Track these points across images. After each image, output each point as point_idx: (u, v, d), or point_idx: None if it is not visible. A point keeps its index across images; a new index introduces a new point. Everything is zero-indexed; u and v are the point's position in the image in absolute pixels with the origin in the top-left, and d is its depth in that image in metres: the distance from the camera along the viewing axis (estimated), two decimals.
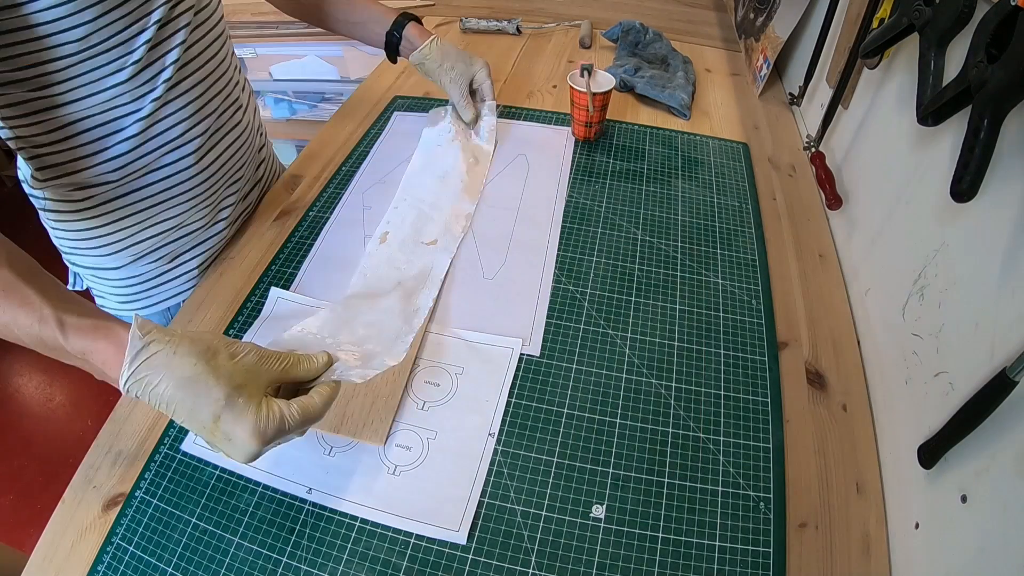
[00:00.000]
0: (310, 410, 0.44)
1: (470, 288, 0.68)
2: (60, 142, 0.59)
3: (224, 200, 0.75)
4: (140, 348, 0.41)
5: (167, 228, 0.70)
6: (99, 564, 0.48)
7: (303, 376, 0.47)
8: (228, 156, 0.73)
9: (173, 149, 0.65)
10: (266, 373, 0.44)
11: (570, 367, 0.61)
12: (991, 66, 0.40)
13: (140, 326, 0.42)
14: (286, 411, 0.43)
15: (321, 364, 0.48)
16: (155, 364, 0.41)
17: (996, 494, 0.39)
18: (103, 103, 0.58)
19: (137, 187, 0.65)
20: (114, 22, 0.54)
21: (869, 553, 0.50)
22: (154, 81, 0.60)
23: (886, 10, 0.66)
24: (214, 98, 0.68)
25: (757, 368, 0.62)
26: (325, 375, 0.48)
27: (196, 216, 0.71)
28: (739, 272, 0.71)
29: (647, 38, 1.15)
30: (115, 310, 0.74)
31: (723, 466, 0.54)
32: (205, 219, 0.72)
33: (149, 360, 0.41)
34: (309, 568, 0.48)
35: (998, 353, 0.41)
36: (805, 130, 0.95)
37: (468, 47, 1.18)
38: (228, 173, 0.74)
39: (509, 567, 0.48)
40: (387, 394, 0.58)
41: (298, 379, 0.47)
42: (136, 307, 0.74)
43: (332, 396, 0.46)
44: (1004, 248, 0.44)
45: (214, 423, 0.41)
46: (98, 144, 0.60)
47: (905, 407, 0.53)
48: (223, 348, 0.43)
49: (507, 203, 0.79)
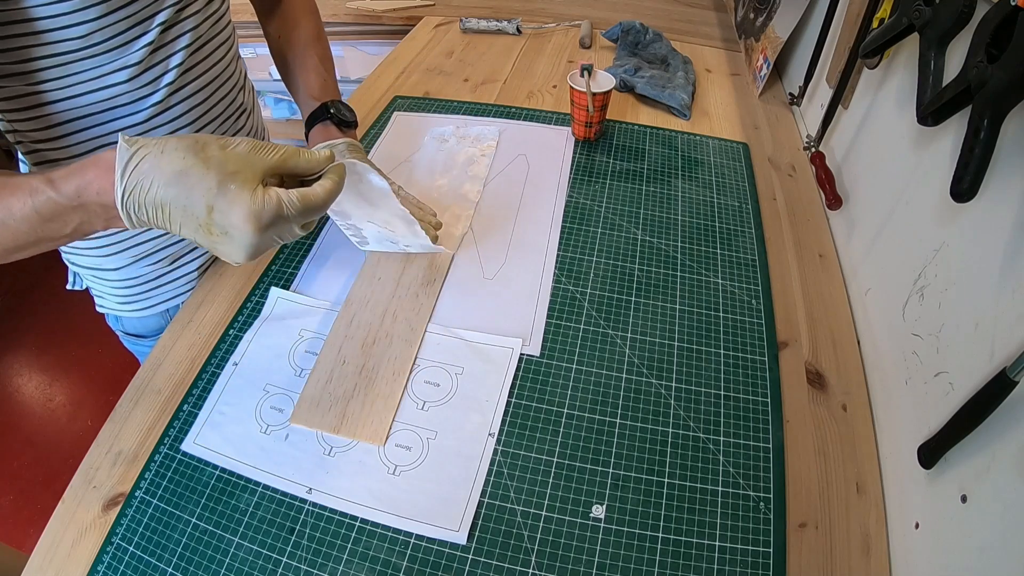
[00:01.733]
0: (310, 197, 0.42)
1: (470, 288, 0.68)
2: (58, 139, 0.58)
3: None
4: (129, 157, 0.39)
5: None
6: (99, 564, 0.48)
7: (303, 168, 0.44)
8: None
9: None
10: (260, 161, 0.42)
11: (570, 367, 0.61)
12: (991, 66, 0.40)
13: (126, 140, 0.40)
14: (284, 196, 0.41)
15: (323, 158, 0.45)
16: (144, 168, 0.39)
17: (996, 494, 0.39)
18: (102, 102, 0.57)
19: None
20: (117, 22, 0.54)
21: (869, 553, 0.50)
22: (155, 84, 0.60)
23: (886, 10, 0.66)
24: (218, 103, 0.68)
25: (757, 368, 0.62)
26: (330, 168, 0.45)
27: None
28: (739, 272, 0.71)
29: (647, 38, 1.15)
30: (114, 310, 0.75)
31: (723, 466, 0.54)
32: None
33: (139, 166, 0.39)
34: (309, 568, 0.48)
35: (998, 353, 0.41)
36: (805, 130, 0.95)
37: (468, 47, 1.18)
38: None
39: (509, 567, 0.48)
40: (387, 394, 0.58)
41: (298, 171, 0.44)
42: (135, 307, 0.74)
43: (335, 187, 0.44)
44: (1004, 248, 0.44)
45: (208, 215, 0.40)
46: (97, 142, 0.59)
47: (905, 407, 0.53)
48: (213, 141, 0.41)
49: (507, 203, 0.79)
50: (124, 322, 0.76)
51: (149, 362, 0.62)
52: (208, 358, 0.61)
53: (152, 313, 0.74)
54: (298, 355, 0.61)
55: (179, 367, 0.61)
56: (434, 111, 0.97)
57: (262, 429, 0.55)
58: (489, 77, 1.08)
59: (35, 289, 1.97)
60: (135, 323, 0.76)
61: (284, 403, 0.57)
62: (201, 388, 0.59)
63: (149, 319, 0.75)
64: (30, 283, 1.98)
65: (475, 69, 1.10)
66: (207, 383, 0.59)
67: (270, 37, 0.77)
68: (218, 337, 0.63)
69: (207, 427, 0.56)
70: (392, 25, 1.38)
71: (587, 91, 0.82)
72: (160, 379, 0.60)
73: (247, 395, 0.58)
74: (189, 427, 0.56)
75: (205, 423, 0.56)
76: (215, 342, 0.63)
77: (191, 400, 0.58)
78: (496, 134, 0.90)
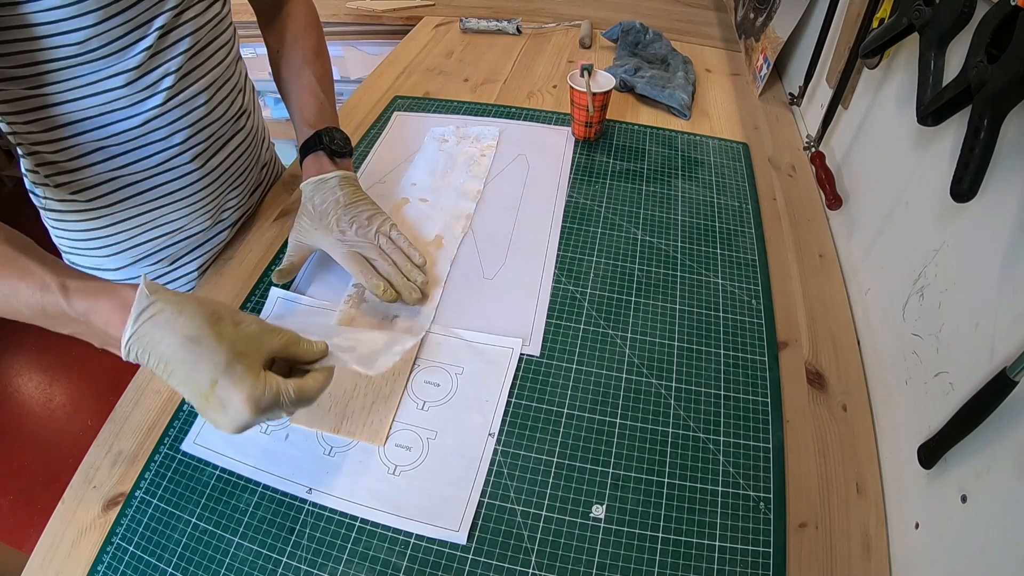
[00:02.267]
0: (305, 390, 0.44)
1: (470, 288, 0.68)
2: (57, 141, 0.58)
3: (226, 204, 0.74)
4: (147, 305, 0.41)
5: (168, 231, 0.70)
6: (99, 564, 0.48)
7: (302, 356, 0.46)
8: (231, 162, 0.72)
9: (175, 156, 0.65)
10: (267, 344, 0.44)
11: (570, 367, 0.61)
12: (991, 66, 0.40)
13: (148, 285, 0.42)
14: (282, 386, 0.43)
15: (319, 350, 0.47)
16: (160, 322, 0.41)
17: (996, 494, 0.39)
18: (100, 106, 0.57)
19: (137, 191, 0.65)
20: (115, 28, 0.54)
21: (869, 553, 0.50)
22: (154, 87, 0.60)
23: (886, 10, 0.66)
24: (218, 105, 0.67)
25: (757, 368, 0.62)
26: (321, 362, 0.47)
27: (198, 220, 0.71)
28: (739, 272, 0.71)
29: (647, 38, 1.15)
30: None
31: (723, 466, 0.54)
32: (207, 223, 0.72)
33: (154, 318, 0.41)
34: (309, 568, 0.48)
35: (998, 353, 0.41)
36: (805, 130, 0.95)
37: (468, 47, 1.18)
38: (231, 179, 0.73)
39: (509, 567, 0.48)
40: (387, 394, 0.58)
41: (296, 358, 0.46)
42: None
43: (326, 381, 0.46)
44: (1004, 248, 0.44)
45: (210, 387, 0.41)
46: (96, 145, 0.59)
47: (905, 407, 0.53)
48: (227, 315, 0.43)
49: (507, 203, 0.79)
50: None
51: None
52: None
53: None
54: None
55: None
56: (434, 111, 0.97)
57: (262, 429, 0.55)
58: (489, 77, 1.08)
59: None
60: None
61: None
62: None
63: None
64: None
65: (475, 69, 1.10)
66: None
67: (269, 49, 0.77)
68: None
69: (207, 427, 0.56)
70: (392, 25, 1.38)
71: (587, 91, 0.82)
72: (160, 379, 0.60)
73: None
74: (189, 427, 0.56)
75: (205, 423, 0.56)
76: None
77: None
78: (496, 134, 0.90)
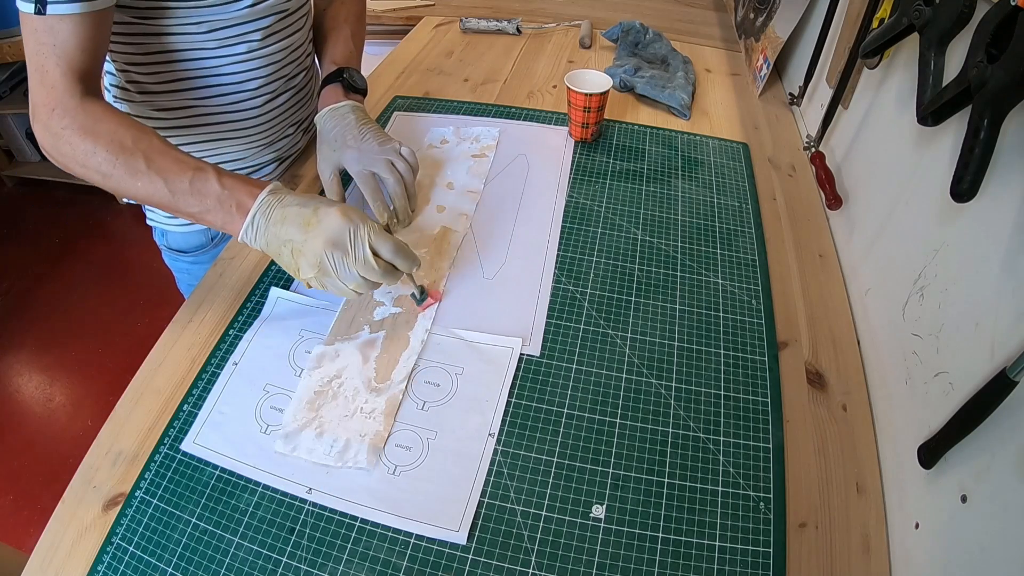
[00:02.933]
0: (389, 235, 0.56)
1: (470, 288, 0.68)
2: (149, 65, 0.68)
3: (279, 143, 0.84)
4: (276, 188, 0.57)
5: (226, 160, 0.79)
6: (99, 564, 0.48)
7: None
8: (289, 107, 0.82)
9: (247, 98, 0.74)
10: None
11: (570, 367, 0.61)
12: (991, 66, 0.40)
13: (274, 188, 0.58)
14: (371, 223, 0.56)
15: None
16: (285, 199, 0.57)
17: (996, 494, 0.39)
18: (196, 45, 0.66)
19: (209, 121, 0.74)
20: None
21: (869, 553, 0.50)
22: (244, 37, 0.69)
23: (886, 10, 0.66)
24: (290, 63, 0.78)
25: (757, 368, 0.62)
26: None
27: (252, 153, 0.80)
28: (739, 272, 0.71)
29: (647, 38, 1.15)
30: (162, 224, 0.83)
31: (723, 466, 0.54)
32: (258, 160, 0.82)
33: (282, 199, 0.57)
34: (309, 568, 0.48)
35: (998, 353, 0.41)
36: (805, 130, 0.95)
37: (468, 47, 1.18)
38: (287, 121, 0.83)
39: (509, 567, 0.48)
40: (389, 391, 0.58)
41: None
42: (182, 223, 0.82)
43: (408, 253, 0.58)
44: (1004, 248, 0.44)
45: (313, 212, 0.55)
46: (182, 75, 0.69)
47: (905, 407, 0.53)
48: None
49: (507, 203, 0.79)
50: (168, 237, 0.84)
51: (149, 362, 0.62)
52: (208, 358, 0.61)
53: (193, 230, 0.82)
54: (298, 355, 0.61)
55: (179, 367, 0.61)
56: (434, 111, 0.97)
57: (262, 429, 0.55)
58: (489, 77, 1.08)
59: (35, 289, 1.97)
60: (178, 238, 0.84)
61: (284, 403, 0.57)
62: (201, 388, 0.59)
63: (190, 235, 0.84)
64: (30, 284, 1.99)
65: (475, 69, 1.10)
66: (207, 383, 0.59)
67: (316, 7, 0.86)
68: (218, 337, 0.63)
69: (207, 427, 0.56)
70: (392, 25, 1.38)
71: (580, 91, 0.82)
72: (160, 379, 0.60)
73: (247, 395, 0.58)
74: (189, 427, 0.56)
75: (205, 423, 0.56)
76: (215, 342, 0.63)
77: (191, 400, 0.58)
78: (496, 134, 0.90)
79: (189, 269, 0.86)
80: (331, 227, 0.54)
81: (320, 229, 0.54)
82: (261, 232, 0.56)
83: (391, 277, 0.57)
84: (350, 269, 0.55)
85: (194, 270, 0.86)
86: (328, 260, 0.54)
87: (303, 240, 0.55)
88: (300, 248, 0.55)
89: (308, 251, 0.55)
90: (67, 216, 2.25)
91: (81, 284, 1.99)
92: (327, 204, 0.56)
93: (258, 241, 0.57)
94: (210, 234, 0.84)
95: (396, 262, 0.57)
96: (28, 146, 2.32)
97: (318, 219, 0.54)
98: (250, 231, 0.56)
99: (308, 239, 0.54)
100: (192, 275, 0.86)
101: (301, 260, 0.55)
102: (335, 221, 0.54)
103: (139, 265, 2.07)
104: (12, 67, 2.14)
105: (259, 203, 0.56)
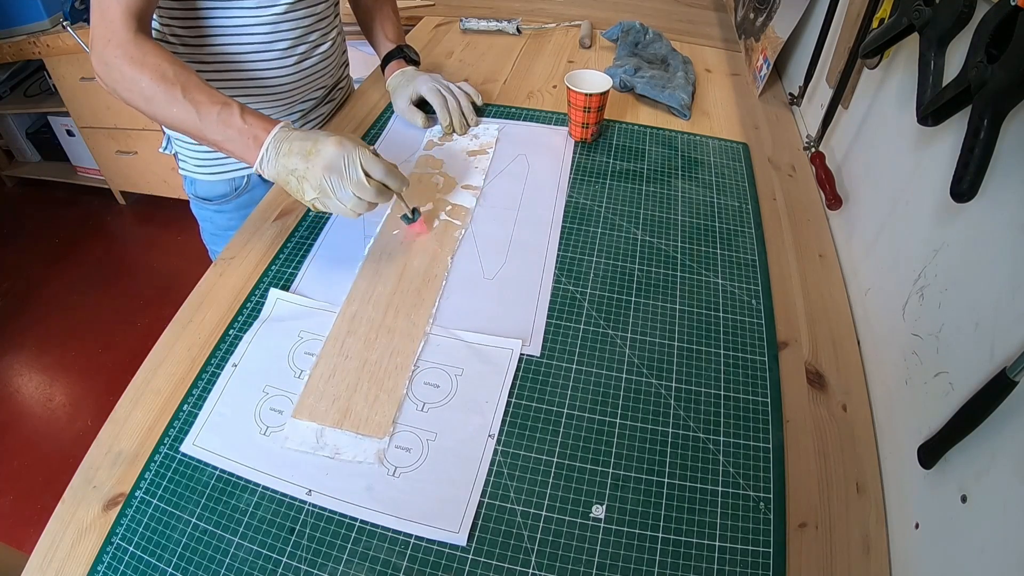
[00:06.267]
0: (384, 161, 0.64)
1: (470, 288, 0.68)
2: (188, 20, 0.76)
3: (301, 105, 0.91)
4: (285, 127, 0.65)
5: None
6: (99, 564, 0.48)
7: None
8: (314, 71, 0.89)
9: (276, 57, 0.82)
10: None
11: (570, 367, 0.61)
12: (991, 66, 0.40)
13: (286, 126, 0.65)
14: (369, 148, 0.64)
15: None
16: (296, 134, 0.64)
17: (996, 494, 0.39)
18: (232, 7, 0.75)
19: (240, 76, 0.81)
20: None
21: (869, 553, 0.50)
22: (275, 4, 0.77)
23: (886, 10, 0.66)
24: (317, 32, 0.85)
25: (757, 368, 0.62)
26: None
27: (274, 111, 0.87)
28: (739, 272, 0.71)
29: (647, 38, 1.15)
30: (191, 172, 0.90)
31: (723, 466, 0.54)
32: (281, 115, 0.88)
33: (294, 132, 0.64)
34: (309, 568, 0.48)
35: (998, 353, 0.41)
36: (805, 130, 0.95)
37: (468, 47, 1.18)
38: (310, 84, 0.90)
39: (509, 567, 0.48)
40: (390, 388, 0.58)
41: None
42: (209, 172, 0.89)
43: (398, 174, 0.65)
44: (1004, 248, 0.44)
45: (312, 144, 0.62)
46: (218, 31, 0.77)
47: (905, 407, 0.53)
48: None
49: (507, 203, 0.79)
50: (197, 186, 0.92)
51: (149, 362, 0.62)
52: (208, 359, 0.61)
53: (221, 179, 0.90)
54: (298, 357, 0.61)
55: (179, 367, 0.61)
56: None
57: (261, 431, 0.55)
58: (489, 77, 1.08)
59: (35, 290, 1.97)
60: (206, 187, 0.91)
61: (283, 404, 0.57)
62: (201, 388, 0.59)
63: (218, 184, 0.91)
64: (30, 284, 1.99)
65: (475, 69, 1.10)
66: (207, 384, 0.59)
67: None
68: (218, 338, 0.63)
69: (206, 428, 0.56)
70: None
71: (580, 91, 0.82)
72: (160, 379, 0.60)
73: (246, 396, 0.58)
74: (189, 427, 0.56)
75: (204, 424, 0.56)
76: (215, 343, 0.63)
77: (191, 400, 0.58)
78: (496, 134, 0.90)
79: (212, 217, 0.95)
80: (328, 154, 0.61)
81: (319, 157, 0.61)
82: (272, 163, 0.63)
83: (383, 196, 0.65)
84: (346, 189, 0.62)
85: (216, 218, 0.94)
86: (327, 182, 0.61)
87: (305, 168, 0.62)
88: (304, 175, 0.62)
89: (311, 176, 0.62)
90: (67, 216, 2.26)
91: (81, 284, 1.99)
92: (325, 136, 0.63)
93: (268, 171, 0.64)
94: (232, 184, 0.91)
95: (387, 181, 0.64)
96: (28, 146, 2.32)
97: (317, 149, 0.62)
98: (264, 161, 0.64)
99: (310, 167, 0.62)
100: (215, 224, 0.95)
101: (305, 184, 0.62)
102: (331, 149, 0.61)
103: (139, 265, 2.07)
104: (12, 67, 2.14)
105: (271, 137, 0.63)
